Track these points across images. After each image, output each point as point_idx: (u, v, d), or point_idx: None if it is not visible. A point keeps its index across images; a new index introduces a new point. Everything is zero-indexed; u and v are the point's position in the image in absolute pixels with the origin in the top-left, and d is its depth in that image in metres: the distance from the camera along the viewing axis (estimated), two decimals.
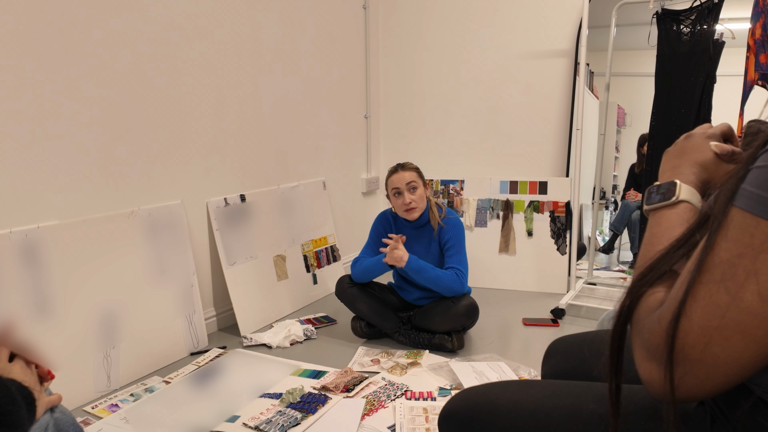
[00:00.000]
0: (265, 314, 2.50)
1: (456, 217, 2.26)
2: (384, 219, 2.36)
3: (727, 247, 0.51)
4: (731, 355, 0.50)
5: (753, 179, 0.51)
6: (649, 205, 0.71)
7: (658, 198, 0.70)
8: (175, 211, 2.17)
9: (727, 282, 0.50)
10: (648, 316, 0.57)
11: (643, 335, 0.56)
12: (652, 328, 0.55)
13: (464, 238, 2.23)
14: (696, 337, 0.51)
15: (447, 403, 0.85)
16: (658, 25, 2.59)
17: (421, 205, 2.20)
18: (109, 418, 1.69)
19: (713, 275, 0.51)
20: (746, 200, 0.51)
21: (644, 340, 0.56)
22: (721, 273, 0.50)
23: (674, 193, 0.68)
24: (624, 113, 3.10)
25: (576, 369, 0.97)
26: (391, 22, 3.46)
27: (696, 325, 0.51)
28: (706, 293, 0.51)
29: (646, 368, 0.55)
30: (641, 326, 0.57)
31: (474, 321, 2.19)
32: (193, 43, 2.23)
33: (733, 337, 0.49)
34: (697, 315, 0.51)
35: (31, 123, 1.70)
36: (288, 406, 1.74)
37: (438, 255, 2.25)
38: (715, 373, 0.51)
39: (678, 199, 0.68)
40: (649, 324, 0.56)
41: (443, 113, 3.38)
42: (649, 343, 0.55)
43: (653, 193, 0.71)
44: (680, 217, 0.67)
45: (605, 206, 3.23)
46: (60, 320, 1.74)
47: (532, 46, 3.08)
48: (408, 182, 2.17)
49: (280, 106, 2.74)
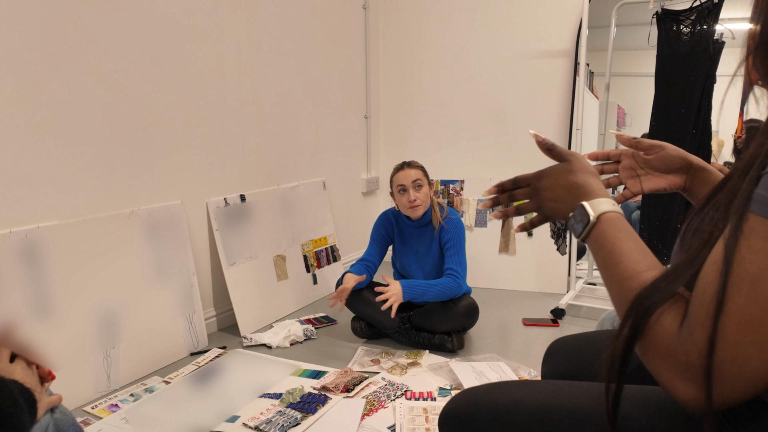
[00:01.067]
0: (265, 314, 2.50)
1: (457, 217, 2.26)
2: (386, 219, 2.37)
3: (753, 259, 0.49)
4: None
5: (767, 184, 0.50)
6: (579, 236, 0.70)
7: (581, 227, 0.70)
8: (175, 211, 2.17)
9: (758, 296, 0.49)
10: (672, 336, 0.55)
11: (678, 357, 0.54)
12: (686, 349, 0.53)
13: (464, 238, 2.23)
14: (734, 354, 0.50)
15: (447, 404, 0.85)
16: (658, 25, 2.59)
17: (425, 203, 2.21)
18: (109, 418, 1.69)
19: (742, 290, 0.50)
20: (765, 207, 0.49)
21: (677, 363, 0.54)
22: (750, 287, 0.49)
23: (588, 214, 0.68)
24: (624, 113, 3.10)
25: (576, 369, 0.97)
26: (391, 22, 3.46)
27: (732, 343, 0.50)
28: (737, 309, 0.50)
29: (683, 389, 0.54)
30: (668, 349, 0.55)
31: (474, 321, 2.20)
32: (194, 42, 2.23)
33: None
34: (731, 333, 0.50)
35: (31, 123, 1.70)
36: (288, 406, 1.74)
37: (438, 254, 2.25)
38: (755, 384, 0.50)
39: (597, 216, 0.68)
40: (679, 345, 0.54)
41: (443, 113, 3.38)
42: (684, 365, 0.54)
43: (573, 224, 0.71)
44: (613, 228, 0.67)
45: None
46: (60, 320, 1.73)
47: (532, 46, 3.08)
48: (414, 180, 2.18)
49: (280, 106, 2.74)
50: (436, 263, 2.25)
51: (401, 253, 2.35)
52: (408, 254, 2.33)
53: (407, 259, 2.33)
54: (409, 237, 2.31)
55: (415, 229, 2.30)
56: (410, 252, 2.33)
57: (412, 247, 2.30)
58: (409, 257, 2.33)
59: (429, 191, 2.24)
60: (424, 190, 2.21)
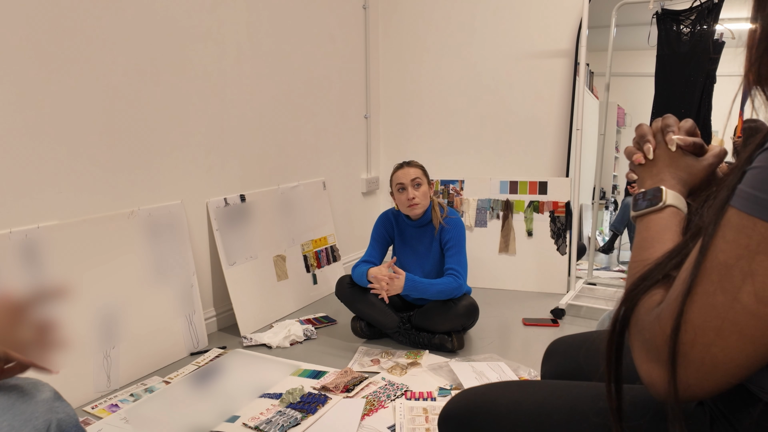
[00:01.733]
0: (265, 314, 2.50)
1: (458, 217, 2.26)
2: (386, 219, 2.37)
3: (725, 248, 0.51)
4: (729, 355, 0.50)
5: (750, 180, 0.51)
6: (637, 211, 0.72)
7: (645, 204, 0.71)
8: (175, 211, 2.17)
9: (725, 283, 0.50)
10: (647, 316, 0.58)
11: (644, 335, 0.57)
12: (652, 328, 0.56)
13: (465, 238, 2.24)
14: (695, 337, 0.52)
15: (447, 404, 0.85)
16: (658, 25, 2.59)
17: (423, 202, 2.21)
18: (109, 418, 1.69)
19: (711, 277, 0.51)
20: (743, 201, 0.51)
21: (645, 341, 0.57)
22: (718, 274, 0.51)
23: (661, 198, 0.70)
24: (624, 113, 3.10)
25: (576, 369, 0.97)
26: (391, 22, 3.46)
27: (694, 326, 0.52)
28: (704, 294, 0.52)
29: (647, 369, 0.56)
30: (641, 326, 0.58)
31: (474, 321, 2.20)
32: (193, 42, 2.23)
33: (731, 337, 0.50)
34: (695, 316, 0.52)
35: (31, 123, 1.70)
36: (288, 406, 1.74)
37: (438, 254, 2.26)
38: (714, 372, 0.51)
39: (665, 204, 0.70)
40: (648, 324, 0.57)
41: (443, 113, 3.38)
42: (649, 344, 0.56)
43: (639, 200, 0.73)
44: (668, 221, 0.69)
45: (605, 206, 3.23)
46: (60, 320, 1.73)
47: (532, 46, 3.08)
48: (413, 178, 2.19)
49: (280, 106, 2.74)
50: (436, 263, 2.25)
51: (401, 253, 2.35)
52: (408, 254, 2.33)
53: (407, 259, 2.34)
54: (409, 237, 2.31)
55: (415, 228, 2.30)
56: (410, 252, 2.33)
57: (413, 247, 2.30)
58: (410, 257, 2.33)
59: (428, 190, 2.25)
60: (423, 189, 2.21)
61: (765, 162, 0.50)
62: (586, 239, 3.13)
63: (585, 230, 3.15)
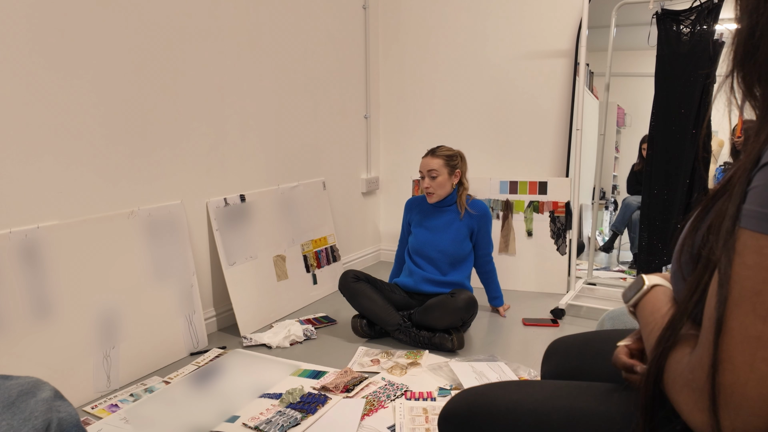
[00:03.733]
0: (265, 314, 2.50)
1: (483, 204, 2.44)
2: (408, 206, 2.55)
3: (749, 275, 0.48)
4: None
5: (756, 198, 0.49)
6: (628, 301, 0.76)
7: (633, 293, 0.76)
8: (174, 211, 2.17)
9: (760, 311, 0.47)
10: (683, 366, 0.55)
11: (690, 386, 0.54)
12: (695, 375, 0.52)
13: (492, 221, 2.55)
14: (745, 374, 0.48)
15: (447, 404, 0.85)
16: (658, 25, 2.59)
17: (439, 192, 2.36)
18: (109, 418, 1.69)
19: (743, 307, 0.48)
20: (756, 221, 0.48)
21: (691, 391, 0.53)
22: (751, 303, 0.48)
23: (643, 282, 0.75)
24: (624, 113, 3.10)
25: (576, 369, 0.97)
26: (391, 22, 3.46)
27: (738, 363, 0.48)
28: (739, 327, 0.48)
29: (699, 419, 0.52)
30: (681, 379, 0.55)
31: (473, 315, 2.22)
32: (193, 42, 2.23)
33: None
34: (736, 351, 0.48)
35: (31, 123, 1.70)
36: (288, 407, 1.74)
37: (459, 234, 2.37)
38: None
39: (650, 285, 0.73)
40: (689, 372, 0.54)
41: (443, 113, 3.38)
42: (697, 391, 0.52)
43: (627, 292, 0.78)
44: (662, 296, 0.71)
45: (605, 206, 3.23)
46: (60, 320, 1.74)
47: (532, 46, 3.08)
48: (430, 169, 2.35)
49: (280, 106, 2.74)
50: (453, 241, 2.37)
51: (416, 230, 2.46)
52: (422, 230, 2.42)
53: (421, 235, 2.42)
54: (429, 214, 2.45)
55: (435, 207, 2.43)
56: (425, 229, 2.42)
57: (430, 222, 2.42)
58: (424, 233, 2.41)
59: (447, 180, 2.36)
60: (439, 180, 2.34)
61: (766, 179, 0.49)
62: (586, 239, 3.13)
63: (585, 230, 3.15)
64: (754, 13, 0.53)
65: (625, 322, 1.17)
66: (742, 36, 0.55)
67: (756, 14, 0.53)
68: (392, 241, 3.65)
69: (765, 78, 0.54)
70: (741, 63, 0.55)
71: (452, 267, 2.37)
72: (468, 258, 2.42)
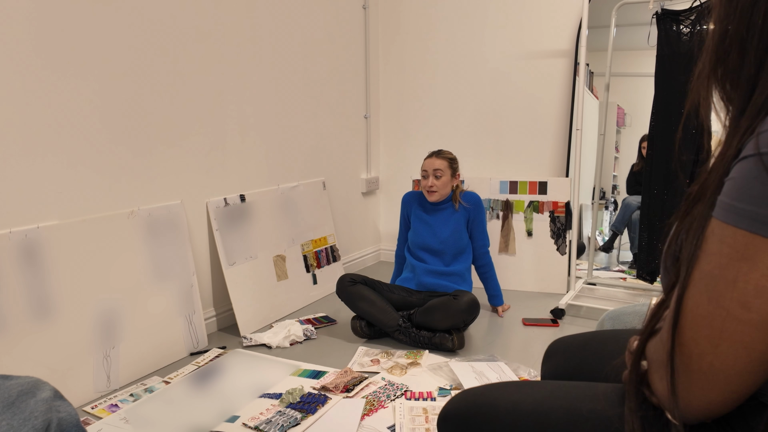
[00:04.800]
0: (265, 314, 2.50)
1: (474, 194, 2.49)
2: (406, 202, 2.57)
3: (709, 259, 0.52)
4: (725, 362, 0.51)
5: (728, 190, 0.52)
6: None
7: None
8: (174, 211, 2.17)
9: (711, 292, 0.52)
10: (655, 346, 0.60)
11: (656, 363, 0.59)
12: (657, 347, 0.58)
13: (485, 213, 2.59)
14: (690, 348, 0.53)
15: (446, 404, 0.85)
16: (658, 25, 2.59)
17: (442, 191, 2.41)
18: (108, 418, 1.69)
19: (698, 288, 0.53)
20: (723, 211, 0.52)
21: (656, 367, 0.58)
22: (705, 285, 0.52)
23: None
24: (624, 113, 3.09)
25: (576, 369, 0.97)
26: (391, 22, 3.46)
27: (688, 337, 0.53)
28: (693, 305, 0.53)
29: (662, 390, 0.57)
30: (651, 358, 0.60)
31: (475, 316, 2.22)
32: (193, 42, 2.23)
33: (722, 345, 0.51)
34: (687, 327, 0.53)
35: (30, 123, 1.70)
36: (288, 406, 1.74)
37: (458, 227, 2.44)
38: (715, 382, 0.52)
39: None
40: (655, 352, 0.59)
41: (443, 113, 3.38)
42: (657, 364, 0.58)
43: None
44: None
45: (605, 206, 3.22)
46: (60, 320, 1.74)
47: (532, 46, 3.08)
48: (435, 169, 2.40)
49: (280, 106, 2.74)
50: (451, 233, 2.42)
51: (415, 224, 2.50)
52: (422, 225, 2.47)
53: (422, 229, 2.46)
54: (428, 209, 2.49)
55: (433, 204, 2.48)
56: (425, 223, 2.46)
57: (429, 217, 2.47)
58: (424, 227, 2.46)
59: (449, 181, 2.43)
60: (443, 180, 2.40)
61: (741, 172, 0.51)
62: (586, 239, 3.13)
63: (585, 230, 3.15)
64: (725, 20, 0.57)
65: (625, 322, 1.17)
66: (714, 42, 0.59)
67: (726, 22, 0.57)
68: (392, 241, 3.65)
69: (736, 81, 0.58)
70: (713, 67, 0.60)
71: (454, 258, 2.43)
72: (467, 249, 2.48)
